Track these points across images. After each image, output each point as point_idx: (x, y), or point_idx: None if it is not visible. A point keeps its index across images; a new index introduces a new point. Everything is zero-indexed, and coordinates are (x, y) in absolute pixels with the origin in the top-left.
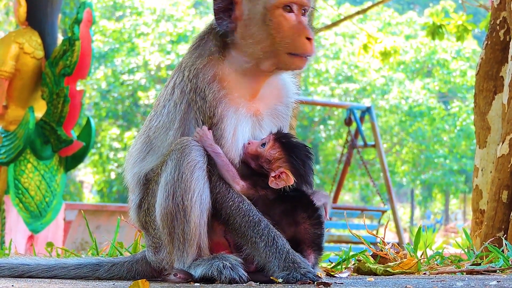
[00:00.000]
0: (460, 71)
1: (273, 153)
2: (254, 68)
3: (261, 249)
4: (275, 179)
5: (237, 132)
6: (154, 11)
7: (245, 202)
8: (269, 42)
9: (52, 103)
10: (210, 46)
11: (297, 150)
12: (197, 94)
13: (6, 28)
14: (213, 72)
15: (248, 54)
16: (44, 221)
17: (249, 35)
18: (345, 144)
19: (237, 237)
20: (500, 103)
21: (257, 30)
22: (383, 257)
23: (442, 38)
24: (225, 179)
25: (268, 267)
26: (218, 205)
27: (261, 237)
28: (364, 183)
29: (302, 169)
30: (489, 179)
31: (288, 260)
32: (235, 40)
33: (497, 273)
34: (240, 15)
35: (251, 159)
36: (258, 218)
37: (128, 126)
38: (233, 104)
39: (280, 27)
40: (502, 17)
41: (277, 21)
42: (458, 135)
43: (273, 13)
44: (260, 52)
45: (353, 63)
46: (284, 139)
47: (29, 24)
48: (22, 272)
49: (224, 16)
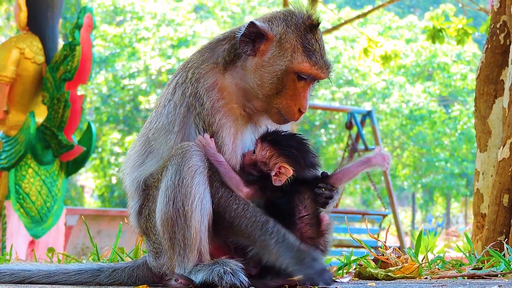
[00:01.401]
0: (460, 75)
1: (264, 153)
2: (252, 93)
3: (272, 246)
4: (277, 176)
5: (237, 140)
6: (154, 16)
7: (250, 204)
8: (269, 93)
9: (53, 108)
10: (219, 53)
11: (285, 141)
12: (196, 100)
13: (7, 33)
14: (214, 80)
15: (250, 84)
16: (45, 226)
17: (259, 74)
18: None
19: (244, 238)
20: (500, 106)
21: (267, 76)
22: (384, 262)
23: (443, 42)
24: (229, 187)
25: (280, 262)
26: (221, 209)
27: (270, 235)
28: (365, 187)
29: (296, 156)
30: (490, 183)
31: (301, 251)
32: (246, 65)
33: (499, 277)
34: (263, 52)
35: (251, 168)
36: (265, 218)
37: (129, 130)
38: (232, 114)
39: (284, 90)
40: (502, 21)
41: (285, 83)
42: (459, 139)
43: (287, 74)
44: (259, 93)
45: (353, 67)
46: (269, 136)
47: (30, 29)
48: (23, 278)
49: (249, 42)
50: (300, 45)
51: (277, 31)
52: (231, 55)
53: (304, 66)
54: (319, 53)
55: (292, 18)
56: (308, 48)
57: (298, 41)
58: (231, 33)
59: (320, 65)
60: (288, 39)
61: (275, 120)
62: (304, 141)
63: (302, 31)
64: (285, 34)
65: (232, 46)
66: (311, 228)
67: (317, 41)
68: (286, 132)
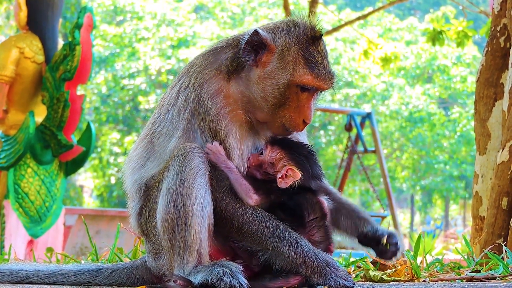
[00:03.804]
0: (460, 77)
1: (274, 155)
2: (256, 105)
3: (286, 253)
4: (282, 178)
5: (243, 146)
6: (154, 16)
7: (258, 209)
8: (272, 105)
9: (53, 107)
10: (222, 61)
11: (297, 147)
12: (200, 106)
13: (7, 33)
14: (218, 86)
15: (254, 94)
16: (44, 226)
17: (261, 86)
18: (345, 150)
19: (255, 244)
20: (500, 109)
21: (269, 89)
22: (382, 264)
23: (443, 44)
24: (238, 194)
25: (299, 272)
26: (229, 215)
27: (283, 241)
28: (364, 188)
29: (306, 163)
30: (489, 185)
31: (320, 262)
32: (250, 75)
33: (497, 280)
34: (265, 64)
35: (255, 170)
36: (276, 223)
37: (129, 130)
38: (237, 120)
39: (288, 102)
40: (503, 24)
41: (288, 96)
42: (458, 141)
43: (290, 88)
44: (263, 105)
45: (353, 68)
46: (280, 140)
47: (30, 28)
48: (22, 278)
49: (251, 51)
50: (301, 58)
51: (279, 43)
52: (234, 64)
53: (306, 79)
54: (321, 64)
55: (295, 30)
56: (310, 60)
57: (300, 53)
58: (235, 40)
59: (323, 77)
60: (290, 52)
61: (278, 132)
62: (313, 153)
63: (304, 43)
64: (287, 46)
65: (235, 54)
66: (319, 231)
67: (319, 52)
68: (298, 141)
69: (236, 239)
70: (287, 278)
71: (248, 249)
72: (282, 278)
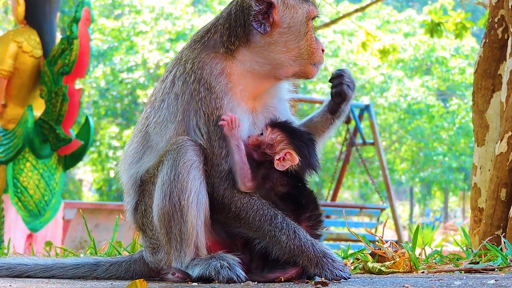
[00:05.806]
0: (458, 69)
1: (274, 137)
2: (267, 73)
3: (284, 243)
4: (280, 161)
5: (244, 123)
6: (152, 9)
7: (256, 197)
8: (300, 51)
9: (51, 101)
10: (214, 42)
11: (298, 133)
12: (201, 85)
13: (5, 27)
14: (222, 66)
15: (269, 59)
16: (43, 219)
17: (282, 42)
18: (344, 142)
19: (251, 231)
20: (498, 101)
21: (294, 38)
22: (381, 256)
23: (441, 36)
24: (235, 175)
25: (296, 261)
26: (226, 200)
27: (281, 231)
28: (363, 181)
29: (305, 150)
30: (487, 177)
31: (317, 253)
32: (256, 43)
33: (495, 272)
34: (279, 21)
35: (253, 150)
36: (274, 212)
37: (127, 124)
38: (237, 99)
39: (311, 39)
40: (500, 15)
41: (309, 33)
42: (457, 133)
43: (308, 24)
44: (288, 60)
45: (351, 61)
46: (282, 123)
47: (28, 23)
48: (20, 272)
49: (262, 19)
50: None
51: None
52: (229, 39)
53: (311, 10)
54: None
55: None
56: None
57: None
58: (213, 23)
59: (315, 4)
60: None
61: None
62: (314, 141)
63: None
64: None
65: (230, 33)
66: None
67: None
68: (299, 127)
69: (233, 225)
70: (284, 269)
71: (245, 236)
72: (279, 269)
